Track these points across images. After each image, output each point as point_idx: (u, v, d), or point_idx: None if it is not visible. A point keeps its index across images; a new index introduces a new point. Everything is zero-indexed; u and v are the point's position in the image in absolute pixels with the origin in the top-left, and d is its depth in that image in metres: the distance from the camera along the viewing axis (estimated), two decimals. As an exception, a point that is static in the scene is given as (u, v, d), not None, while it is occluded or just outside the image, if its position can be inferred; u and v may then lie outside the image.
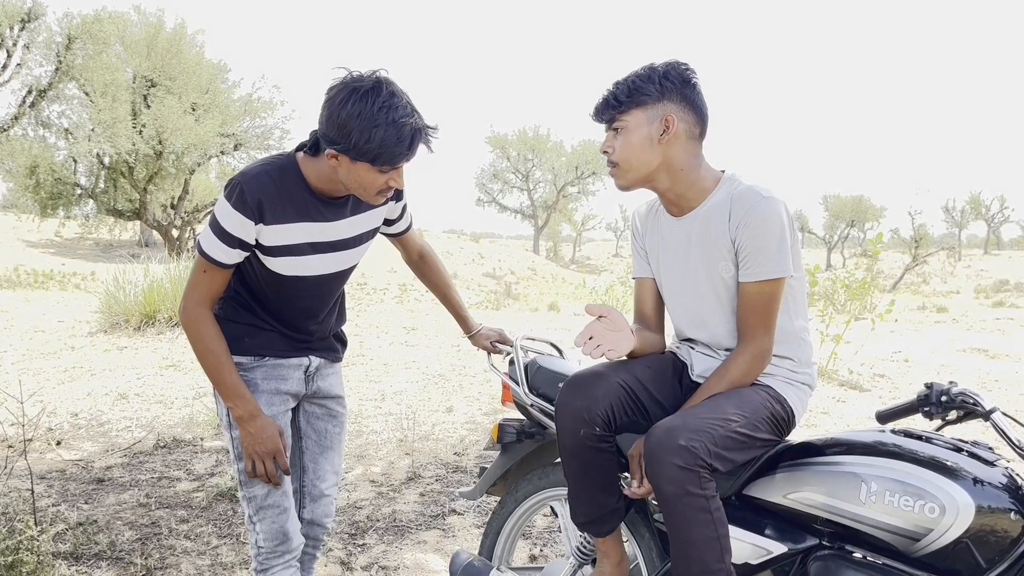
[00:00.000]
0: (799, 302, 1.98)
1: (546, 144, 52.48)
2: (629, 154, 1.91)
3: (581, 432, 1.90)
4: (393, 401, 5.76)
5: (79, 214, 25.12)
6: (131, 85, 22.95)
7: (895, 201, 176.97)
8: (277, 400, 2.05)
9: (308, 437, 2.22)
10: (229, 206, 1.84)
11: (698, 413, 1.78)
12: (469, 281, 27.18)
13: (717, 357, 2.01)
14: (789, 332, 1.96)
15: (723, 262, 1.92)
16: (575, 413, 1.90)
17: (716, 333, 2.00)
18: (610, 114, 1.93)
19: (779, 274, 1.85)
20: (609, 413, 1.89)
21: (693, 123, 1.92)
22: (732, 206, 1.89)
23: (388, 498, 3.79)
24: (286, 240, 1.91)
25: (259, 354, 2.03)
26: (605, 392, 1.91)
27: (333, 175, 1.84)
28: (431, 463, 4.32)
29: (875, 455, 1.76)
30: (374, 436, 4.85)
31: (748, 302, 1.89)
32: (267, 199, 1.85)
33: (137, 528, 3.36)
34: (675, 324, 2.13)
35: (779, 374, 1.96)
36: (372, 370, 6.85)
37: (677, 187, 1.95)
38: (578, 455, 1.94)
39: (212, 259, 1.89)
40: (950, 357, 8.15)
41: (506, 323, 11.29)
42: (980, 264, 50.39)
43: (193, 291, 1.93)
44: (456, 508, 3.64)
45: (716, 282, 1.95)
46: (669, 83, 1.90)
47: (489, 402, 5.72)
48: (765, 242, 1.84)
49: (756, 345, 1.89)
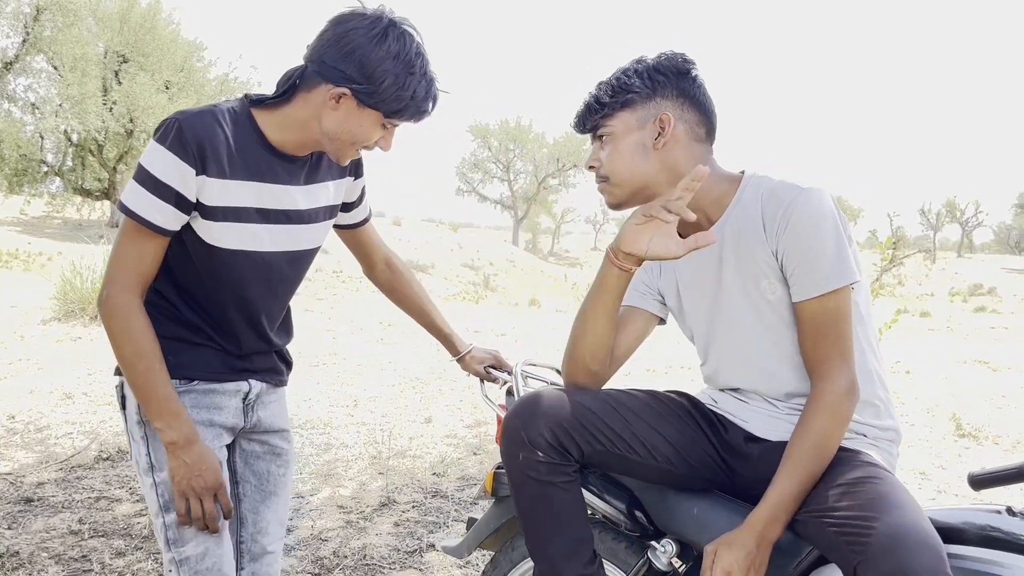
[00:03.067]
0: (865, 322, 1.55)
1: (528, 135, 52.22)
2: (619, 165, 1.55)
3: (520, 457, 1.52)
4: (367, 408, 5.30)
5: (44, 192, 24.31)
6: (102, 60, 22.21)
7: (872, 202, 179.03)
8: (210, 435, 1.61)
9: (246, 482, 1.77)
10: (163, 149, 1.44)
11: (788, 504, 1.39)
12: (447, 271, 26.67)
13: (777, 407, 1.59)
14: (858, 363, 1.52)
15: (765, 280, 1.50)
16: (512, 432, 1.53)
17: (772, 375, 1.57)
18: (593, 120, 1.57)
19: (844, 280, 1.42)
20: (559, 435, 1.50)
21: (695, 122, 1.55)
22: (764, 208, 1.48)
23: (358, 528, 3.34)
24: (230, 201, 1.51)
25: (186, 376, 1.59)
26: (553, 408, 1.52)
27: (311, 122, 1.50)
28: (407, 485, 3.87)
29: (1006, 549, 1.33)
30: (344, 451, 4.39)
31: (811, 327, 1.45)
32: (211, 144, 1.47)
33: (65, 563, 2.88)
34: (709, 372, 1.70)
35: (857, 429, 1.53)
36: (345, 371, 6.39)
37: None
38: (521, 488, 1.56)
39: (143, 220, 1.46)
40: (951, 369, 7.84)
41: (485, 318, 10.86)
42: (954, 267, 50.67)
43: (119, 271, 1.49)
44: (434, 543, 3.21)
45: (761, 308, 1.53)
46: (661, 76, 1.53)
47: (472, 412, 5.28)
48: (818, 243, 1.42)
49: (835, 382, 1.43)
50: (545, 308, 13.98)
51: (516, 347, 8.16)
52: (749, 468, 1.59)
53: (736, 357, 1.61)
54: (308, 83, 1.49)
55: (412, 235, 32.96)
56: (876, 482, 1.34)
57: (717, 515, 1.57)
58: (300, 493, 3.68)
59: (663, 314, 1.77)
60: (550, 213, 59.65)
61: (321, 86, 1.46)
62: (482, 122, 53.33)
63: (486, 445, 4.56)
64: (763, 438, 1.59)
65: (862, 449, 1.51)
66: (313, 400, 5.48)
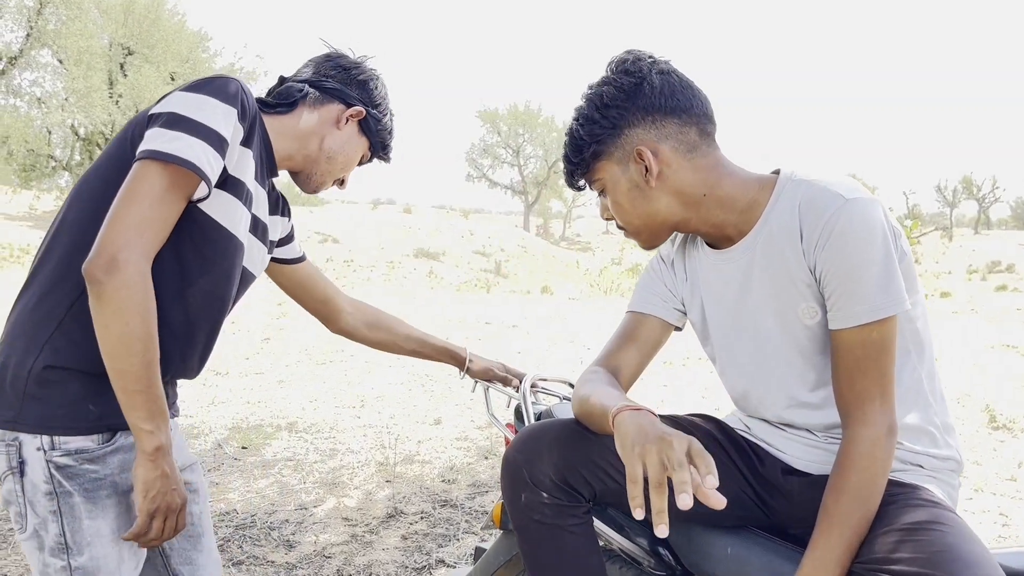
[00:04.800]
0: (923, 344, 1.35)
1: (537, 119, 51.85)
2: (626, 215, 1.39)
3: (523, 498, 1.35)
4: (374, 409, 5.13)
5: (53, 187, 24.28)
6: (107, 53, 22.04)
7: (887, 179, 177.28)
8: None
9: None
10: (216, 100, 1.25)
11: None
12: (458, 258, 26.44)
13: (816, 437, 1.39)
14: (913, 389, 1.33)
15: (803, 303, 1.29)
16: (513, 471, 1.36)
17: (810, 408, 1.36)
18: (581, 180, 1.41)
19: (891, 309, 1.20)
20: (566, 474, 1.32)
21: (677, 131, 1.32)
22: (803, 219, 1.26)
23: (364, 542, 3.17)
24: (240, 173, 1.34)
25: (110, 428, 1.27)
26: (559, 442, 1.34)
27: (311, 138, 1.47)
28: (415, 494, 3.70)
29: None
30: (351, 456, 4.21)
31: (849, 359, 1.24)
32: (257, 115, 1.36)
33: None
34: (739, 399, 1.50)
35: (913, 460, 1.33)
36: (352, 368, 6.22)
37: (712, 215, 1.36)
38: (525, 532, 1.37)
39: (194, 166, 1.19)
40: (980, 355, 7.59)
41: (496, 308, 10.67)
42: (971, 244, 50.02)
43: (142, 231, 1.17)
44: (444, 558, 3.03)
45: (797, 334, 1.32)
46: (614, 110, 1.32)
47: (482, 412, 5.09)
48: (863, 265, 1.20)
49: (872, 427, 1.22)
50: (558, 296, 13.76)
51: (528, 341, 7.97)
52: (788, 504, 1.40)
53: (767, 387, 1.40)
54: (314, 101, 1.47)
55: (422, 222, 32.75)
56: (942, 529, 1.14)
57: (753, 554, 1.38)
58: (304, 504, 3.51)
59: (680, 323, 1.58)
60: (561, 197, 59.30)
61: (331, 104, 1.48)
62: (491, 107, 53.00)
63: (497, 448, 4.38)
64: (803, 471, 1.39)
65: (920, 483, 1.31)
66: (319, 401, 5.31)
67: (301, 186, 1.54)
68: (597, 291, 16.92)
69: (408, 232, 28.64)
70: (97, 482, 1.25)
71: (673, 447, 1.02)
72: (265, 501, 3.54)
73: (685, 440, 1.04)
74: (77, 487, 1.24)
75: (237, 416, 4.95)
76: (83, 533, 1.25)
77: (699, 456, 1.01)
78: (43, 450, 1.22)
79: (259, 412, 5.08)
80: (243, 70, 24.65)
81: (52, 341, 1.22)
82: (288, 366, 6.47)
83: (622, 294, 16.00)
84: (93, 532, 1.25)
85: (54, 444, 1.22)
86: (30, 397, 1.21)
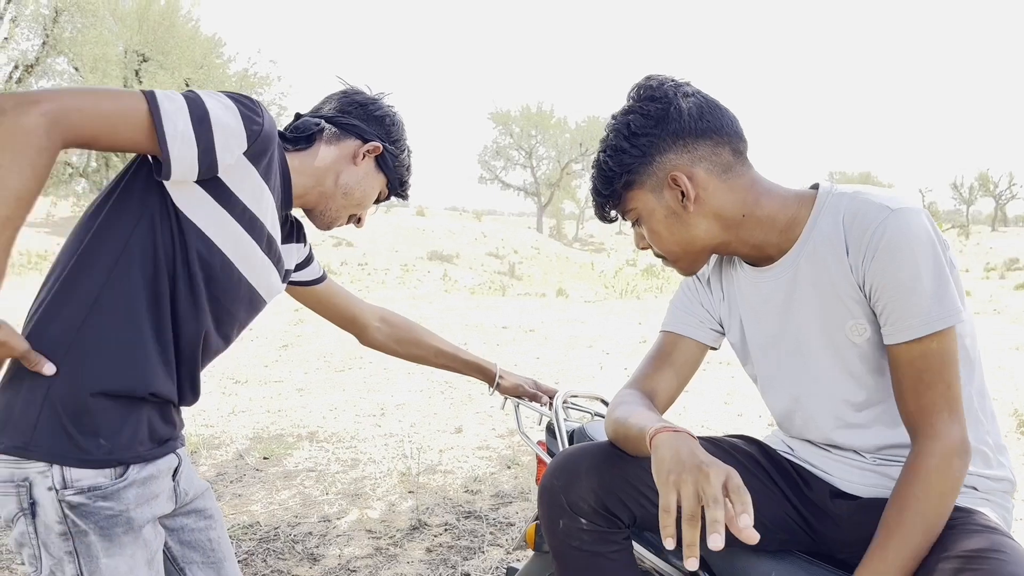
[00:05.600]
0: (972, 360, 1.30)
1: (550, 120, 51.76)
2: (665, 243, 1.35)
3: (560, 524, 1.33)
4: (394, 417, 5.11)
5: (70, 193, 24.46)
6: (122, 60, 22.19)
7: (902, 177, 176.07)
8: (153, 535, 1.30)
9: (191, 564, 1.47)
10: (232, 103, 1.22)
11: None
12: (472, 260, 26.41)
13: (865, 459, 1.35)
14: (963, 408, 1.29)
15: (851, 320, 1.26)
16: (551, 497, 1.34)
17: (858, 428, 1.33)
18: (612, 211, 1.38)
19: (948, 320, 1.17)
20: (604, 499, 1.30)
21: (711, 152, 1.29)
22: (848, 233, 1.23)
23: (388, 555, 3.14)
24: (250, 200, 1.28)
25: (121, 461, 1.23)
26: (596, 467, 1.32)
27: (327, 174, 1.45)
28: (439, 505, 3.67)
29: None
30: (372, 467, 4.19)
31: (910, 374, 1.20)
32: (272, 148, 1.29)
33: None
34: (783, 420, 1.47)
35: (968, 482, 1.29)
36: (371, 376, 6.20)
37: (752, 236, 1.33)
38: (564, 559, 1.35)
39: (161, 126, 1.13)
40: (1003, 356, 7.48)
41: (512, 312, 10.63)
42: (989, 241, 49.53)
43: (65, 96, 1.08)
44: (470, 572, 3.00)
45: (844, 352, 1.29)
46: (644, 137, 1.28)
47: (504, 420, 5.06)
48: (914, 276, 1.16)
49: (943, 440, 1.17)
50: (573, 298, 13.71)
51: (546, 347, 7.93)
52: (836, 528, 1.37)
53: (813, 407, 1.37)
54: (331, 137, 1.46)
55: (436, 224, 32.76)
56: (1002, 557, 1.10)
57: (799, 580, 1.34)
58: (327, 516, 3.49)
59: (717, 344, 1.54)
60: (574, 198, 59.19)
61: (348, 140, 1.47)
62: (503, 109, 52.98)
63: (520, 457, 4.34)
64: (852, 494, 1.36)
65: (974, 507, 1.27)
66: (339, 410, 5.30)
67: (315, 222, 1.52)
68: (612, 293, 16.86)
69: (422, 235, 28.66)
70: (112, 519, 1.22)
71: (710, 480, 0.99)
72: (288, 513, 3.52)
73: (723, 472, 1.01)
74: (92, 525, 1.20)
75: (258, 425, 4.95)
76: (100, 572, 1.22)
77: (736, 492, 0.98)
78: (55, 489, 1.18)
79: (280, 421, 5.07)
80: (257, 75, 24.73)
81: (67, 365, 1.18)
82: (307, 373, 6.46)
83: (638, 296, 15.94)
84: (111, 570, 1.22)
85: (66, 483, 1.18)
86: (43, 425, 1.18)
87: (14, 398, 1.19)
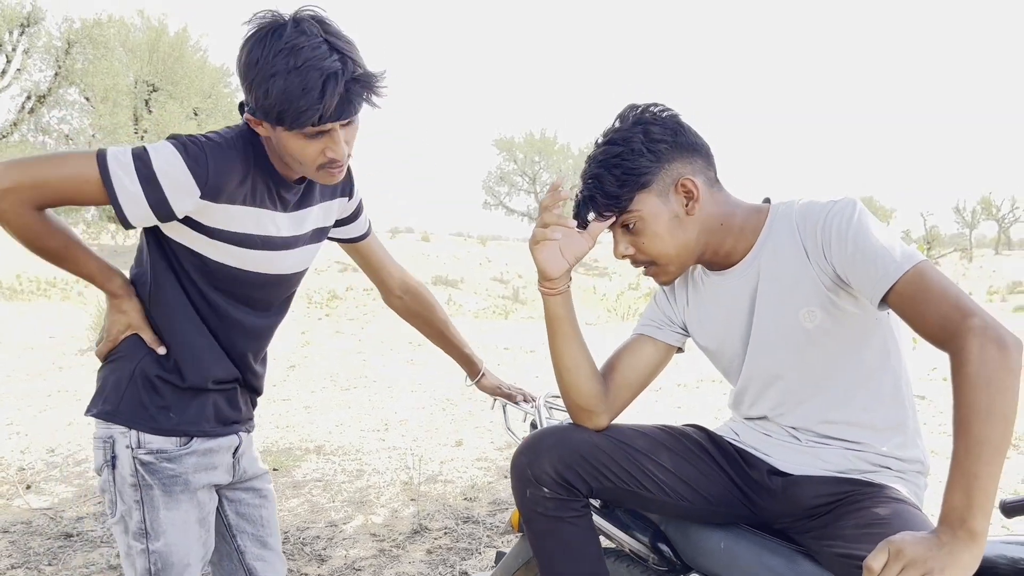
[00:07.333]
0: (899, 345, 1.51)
1: (553, 147, 52.13)
2: (664, 247, 1.51)
3: (527, 493, 1.54)
4: (398, 432, 5.33)
5: (80, 220, 24.80)
6: (132, 90, 22.62)
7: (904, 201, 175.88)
8: (207, 499, 1.59)
9: (242, 532, 1.73)
10: (178, 155, 1.34)
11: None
12: (476, 285, 26.69)
13: (799, 441, 1.57)
14: (892, 390, 1.49)
15: (805, 308, 1.45)
16: (519, 469, 1.55)
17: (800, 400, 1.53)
18: (609, 214, 1.52)
19: (911, 260, 1.29)
20: (563, 472, 1.50)
21: (704, 168, 1.52)
22: (803, 235, 1.44)
23: (391, 556, 3.35)
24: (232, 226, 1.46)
25: (186, 433, 1.52)
26: (558, 444, 1.52)
27: (271, 150, 1.46)
28: (439, 511, 3.88)
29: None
30: (376, 477, 4.41)
31: (911, 309, 1.28)
32: (232, 181, 1.41)
33: (104, 599, 2.93)
34: (736, 401, 1.68)
35: (880, 462, 1.50)
36: (376, 393, 6.43)
37: (724, 244, 1.54)
38: (531, 524, 1.57)
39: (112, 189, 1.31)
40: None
41: (514, 334, 10.86)
42: (991, 264, 49.60)
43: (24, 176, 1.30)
44: (468, 570, 3.21)
45: (796, 337, 1.49)
46: (662, 144, 1.48)
47: (502, 433, 5.28)
48: (870, 240, 1.34)
49: (973, 337, 1.16)
50: (575, 321, 13.94)
51: (545, 367, 8.14)
52: (773, 502, 1.57)
53: (763, 382, 1.58)
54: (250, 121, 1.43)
55: (440, 250, 33.06)
56: (900, 524, 1.30)
57: (743, 547, 1.56)
58: (333, 521, 3.71)
59: (680, 344, 1.75)
60: (578, 224, 59.43)
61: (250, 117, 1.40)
62: (507, 135, 53.50)
63: (517, 467, 4.55)
64: (786, 472, 1.57)
65: (887, 483, 1.48)
66: (345, 425, 5.52)
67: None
68: (614, 316, 17.08)
69: (427, 260, 28.94)
70: (173, 479, 1.49)
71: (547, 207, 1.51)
72: (297, 519, 3.74)
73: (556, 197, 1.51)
74: (156, 481, 1.48)
75: (268, 440, 5.17)
76: (160, 522, 1.49)
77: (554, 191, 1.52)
78: (131, 448, 1.46)
79: (288, 436, 5.29)
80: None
81: (150, 353, 1.49)
82: (314, 392, 6.68)
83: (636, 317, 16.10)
84: (168, 522, 1.49)
85: (140, 443, 1.47)
86: (127, 397, 1.47)
87: (110, 374, 1.50)
